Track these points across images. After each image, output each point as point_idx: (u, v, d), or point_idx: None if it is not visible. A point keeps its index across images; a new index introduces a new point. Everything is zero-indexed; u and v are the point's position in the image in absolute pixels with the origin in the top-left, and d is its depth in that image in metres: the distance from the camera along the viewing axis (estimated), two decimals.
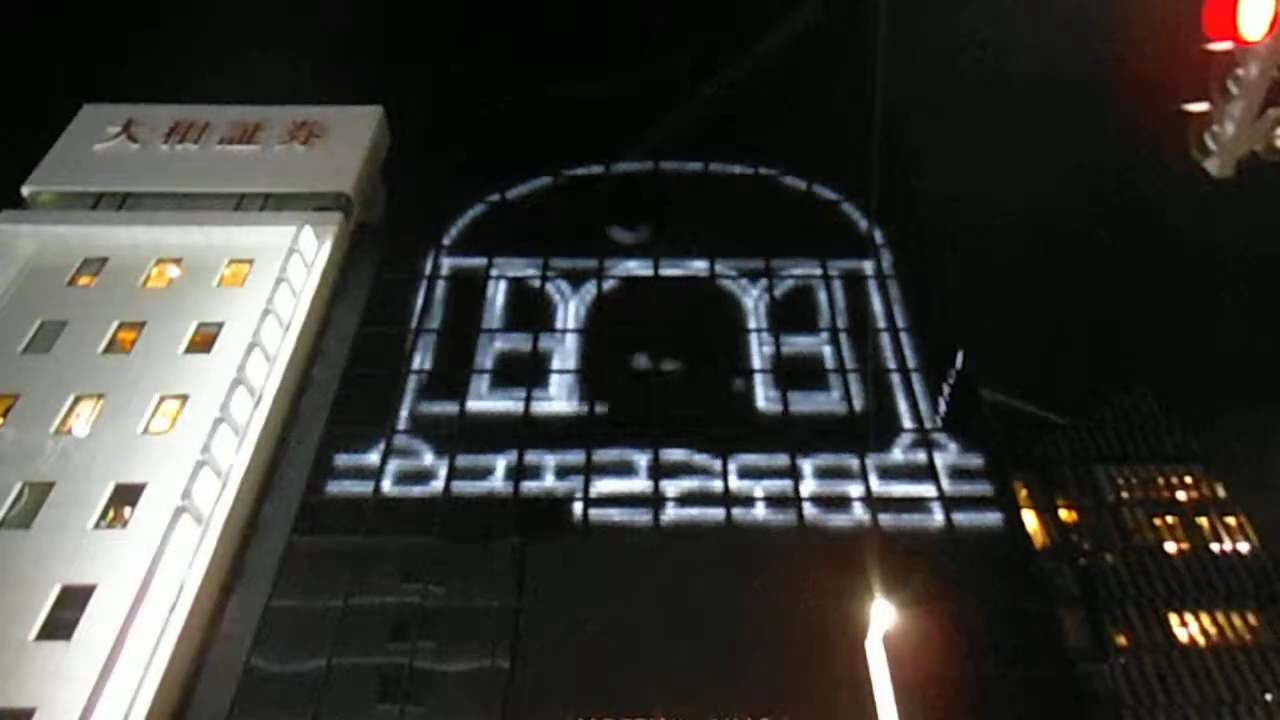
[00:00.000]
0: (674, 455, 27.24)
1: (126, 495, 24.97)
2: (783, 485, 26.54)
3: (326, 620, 23.59)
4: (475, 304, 31.80)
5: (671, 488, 26.55)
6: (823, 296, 31.95)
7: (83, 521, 24.36)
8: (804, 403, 28.77)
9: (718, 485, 26.53)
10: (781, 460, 27.07)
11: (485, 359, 30.18)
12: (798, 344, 30.62)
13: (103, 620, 22.02)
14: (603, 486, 26.64)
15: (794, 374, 29.57)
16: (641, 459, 27.20)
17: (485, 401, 29.00)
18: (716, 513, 25.94)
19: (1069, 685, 23.31)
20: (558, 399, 29.11)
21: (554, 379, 29.63)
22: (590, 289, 32.33)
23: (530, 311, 31.55)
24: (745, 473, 26.85)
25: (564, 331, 31.01)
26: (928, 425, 28.03)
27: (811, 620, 22.81)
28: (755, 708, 21.53)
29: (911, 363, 29.82)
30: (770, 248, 33.13)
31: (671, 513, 26.03)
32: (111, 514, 24.77)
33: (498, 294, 32.27)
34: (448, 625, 23.64)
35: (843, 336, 30.64)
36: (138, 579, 22.01)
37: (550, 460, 27.21)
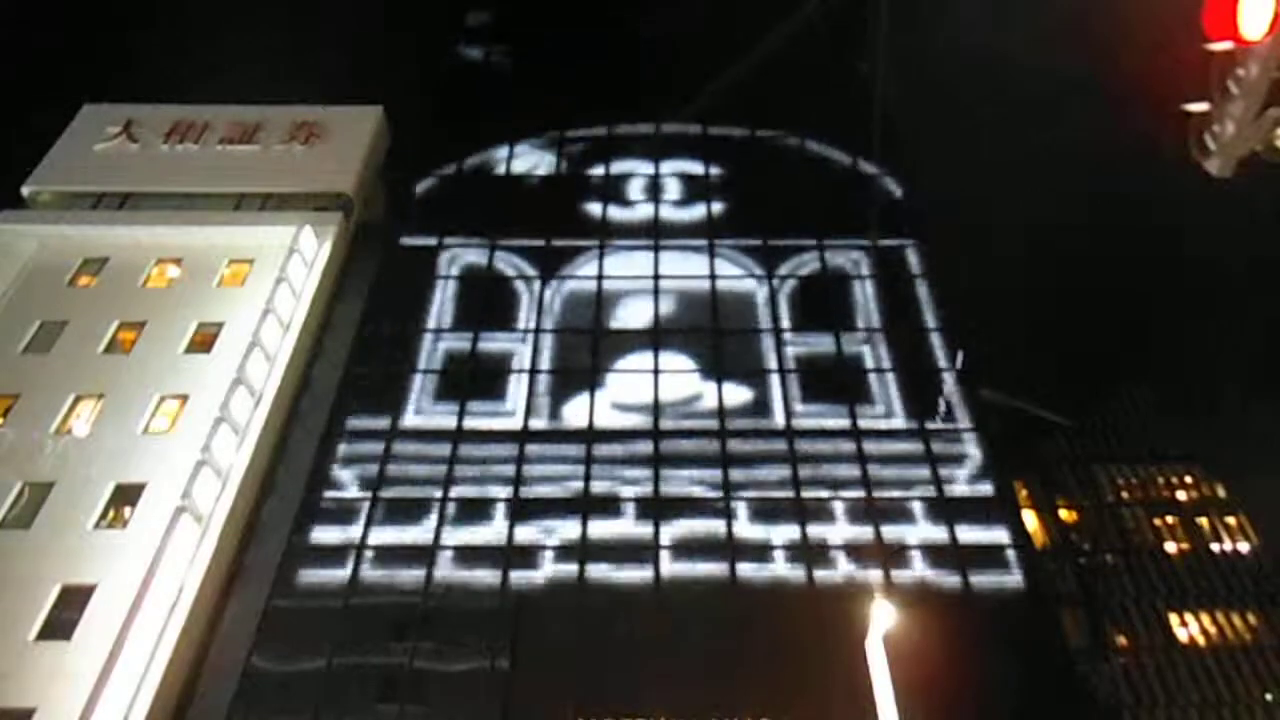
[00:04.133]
0: (674, 453, 27.25)
1: (126, 495, 24.98)
2: (782, 486, 26.46)
3: (327, 620, 23.58)
4: (475, 304, 31.77)
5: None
6: (822, 297, 31.90)
7: (83, 521, 24.37)
8: (804, 402, 28.70)
9: (717, 488, 26.50)
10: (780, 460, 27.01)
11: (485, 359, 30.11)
12: (797, 343, 30.55)
13: (103, 620, 22.02)
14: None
15: (793, 373, 29.51)
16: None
17: (485, 401, 28.95)
18: (718, 521, 25.88)
19: (1069, 685, 23.28)
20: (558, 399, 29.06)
21: (554, 379, 29.57)
22: (590, 288, 32.27)
23: (530, 311, 31.50)
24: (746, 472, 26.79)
25: (562, 331, 30.97)
26: (928, 425, 27.99)
27: (811, 620, 22.78)
28: (755, 708, 21.51)
29: (912, 363, 29.77)
30: (770, 246, 33.09)
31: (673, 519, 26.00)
32: (111, 514, 24.77)
33: (498, 294, 32.22)
34: (448, 625, 23.63)
35: (843, 337, 30.58)
36: (138, 579, 22.03)
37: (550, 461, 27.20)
